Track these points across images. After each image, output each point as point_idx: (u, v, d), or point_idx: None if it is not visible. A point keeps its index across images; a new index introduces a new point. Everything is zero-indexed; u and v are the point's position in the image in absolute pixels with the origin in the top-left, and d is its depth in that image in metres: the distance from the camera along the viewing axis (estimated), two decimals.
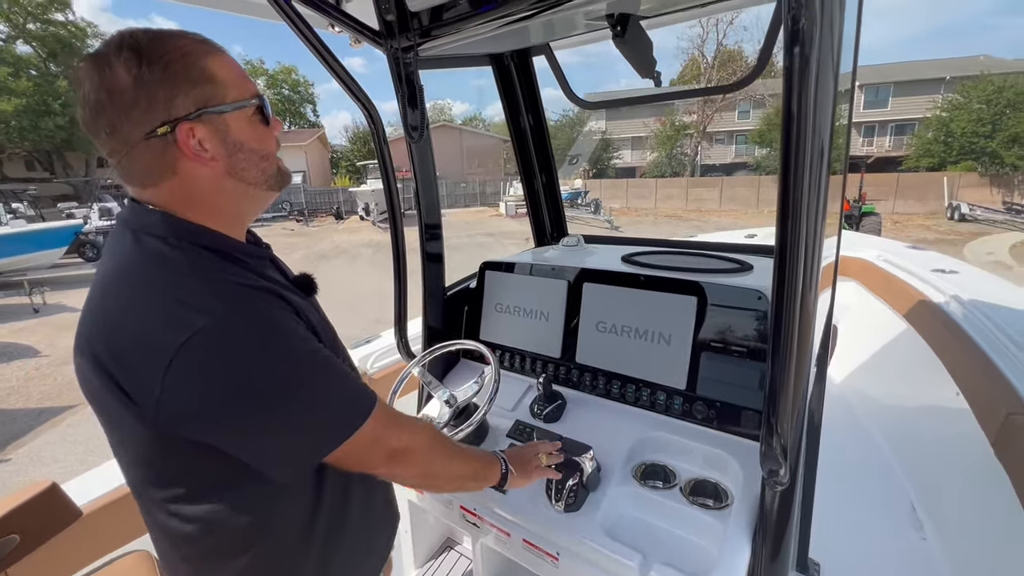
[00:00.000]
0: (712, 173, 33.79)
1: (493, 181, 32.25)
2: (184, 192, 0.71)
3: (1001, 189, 21.82)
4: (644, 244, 1.91)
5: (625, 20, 1.32)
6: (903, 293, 2.80)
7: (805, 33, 0.66)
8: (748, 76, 1.43)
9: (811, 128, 0.70)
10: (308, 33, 1.26)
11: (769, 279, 1.29)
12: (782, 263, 0.77)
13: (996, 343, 1.91)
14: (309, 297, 0.86)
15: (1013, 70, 25.83)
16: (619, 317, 1.41)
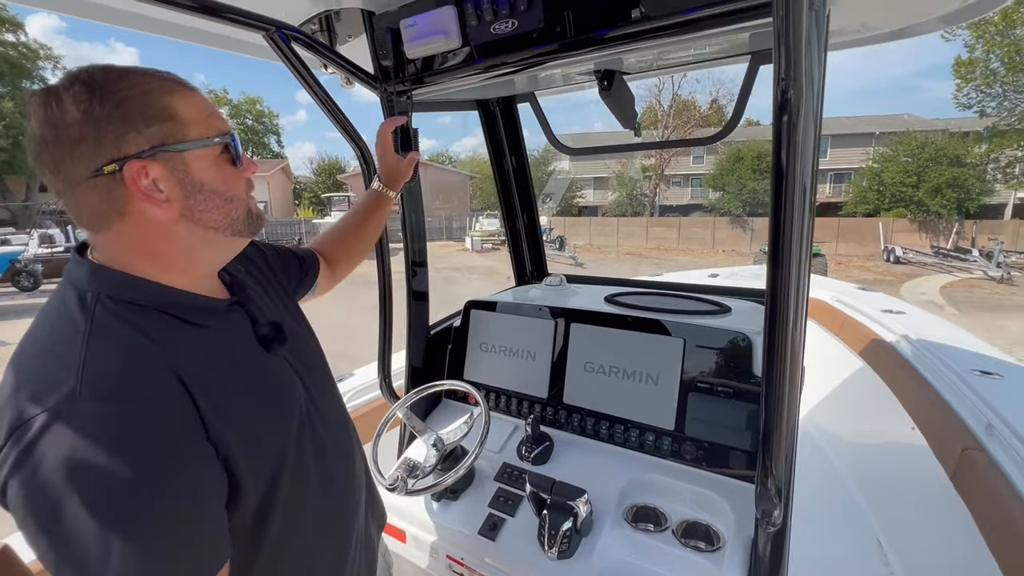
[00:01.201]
0: (670, 213, 35.30)
1: (459, 216, 32.52)
2: (134, 237, 0.67)
3: (928, 234, 23.77)
4: (623, 284, 1.97)
5: (611, 76, 1.41)
6: (857, 332, 2.96)
7: (792, 104, 0.74)
8: (723, 130, 1.54)
9: (797, 182, 0.76)
10: (305, 74, 1.27)
11: (747, 321, 1.35)
12: (774, 306, 0.82)
13: (946, 379, 2.04)
14: (270, 352, 0.80)
15: (932, 128, 28.73)
16: (607, 358, 1.43)
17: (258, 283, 0.92)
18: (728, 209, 29.71)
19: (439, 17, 1.21)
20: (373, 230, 1.39)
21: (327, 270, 1.25)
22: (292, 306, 0.99)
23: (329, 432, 0.89)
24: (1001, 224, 23.96)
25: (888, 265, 19.85)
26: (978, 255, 17.77)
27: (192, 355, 0.67)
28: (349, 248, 1.34)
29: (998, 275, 15.38)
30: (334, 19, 1.43)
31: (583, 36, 1.11)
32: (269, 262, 1.01)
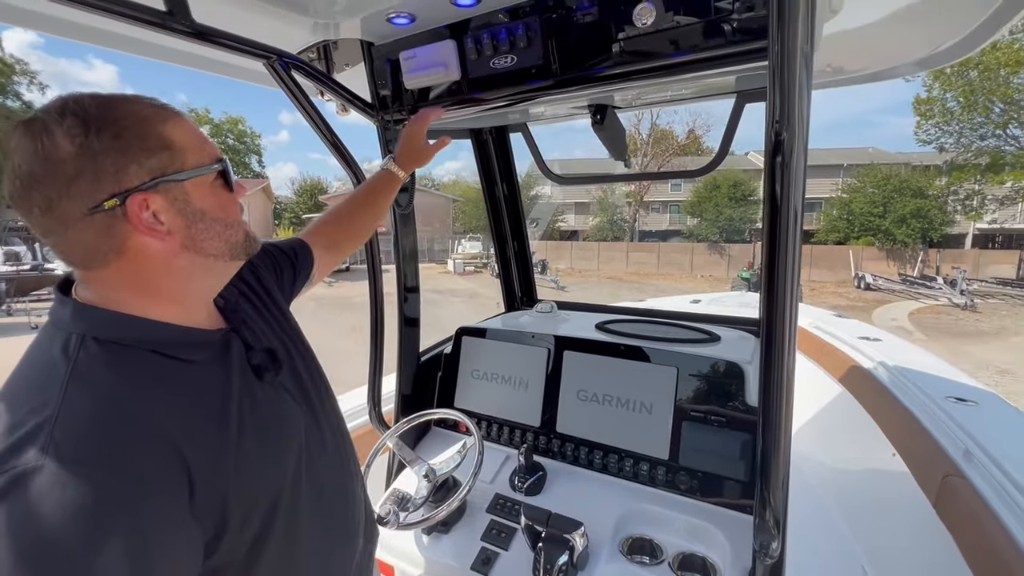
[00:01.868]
0: (650, 239, 35.97)
1: (441, 239, 32.56)
2: (132, 273, 0.64)
3: (896, 262, 24.69)
4: (613, 312, 1.99)
5: (604, 110, 1.45)
6: (836, 359, 3.03)
7: (786, 145, 0.78)
8: (711, 163, 1.59)
9: (790, 215, 0.79)
10: (304, 101, 1.28)
11: (736, 350, 1.37)
12: (769, 339, 0.84)
13: (923, 406, 2.09)
14: (265, 380, 0.77)
15: (896, 161, 30.17)
16: (600, 386, 1.43)
17: (251, 303, 0.90)
18: (706, 235, 30.44)
19: (439, 50, 1.24)
20: (380, 210, 1.34)
21: (325, 254, 1.21)
22: (287, 320, 0.97)
23: (327, 458, 0.87)
24: (962, 253, 25.07)
25: (859, 292, 20.48)
26: (943, 283, 18.49)
27: (181, 399, 0.64)
28: (354, 228, 1.30)
29: (962, 302, 15.98)
30: (332, 48, 1.45)
31: (580, 73, 1.14)
32: (260, 276, 0.98)
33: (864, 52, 1.32)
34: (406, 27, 1.26)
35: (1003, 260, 23.64)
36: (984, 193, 23.76)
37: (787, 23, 0.69)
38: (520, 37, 1.14)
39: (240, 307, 0.85)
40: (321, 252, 1.19)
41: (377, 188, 1.33)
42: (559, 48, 1.13)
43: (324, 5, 1.15)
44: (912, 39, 1.23)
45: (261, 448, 0.72)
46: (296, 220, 41.67)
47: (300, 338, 0.96)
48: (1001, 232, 29.25)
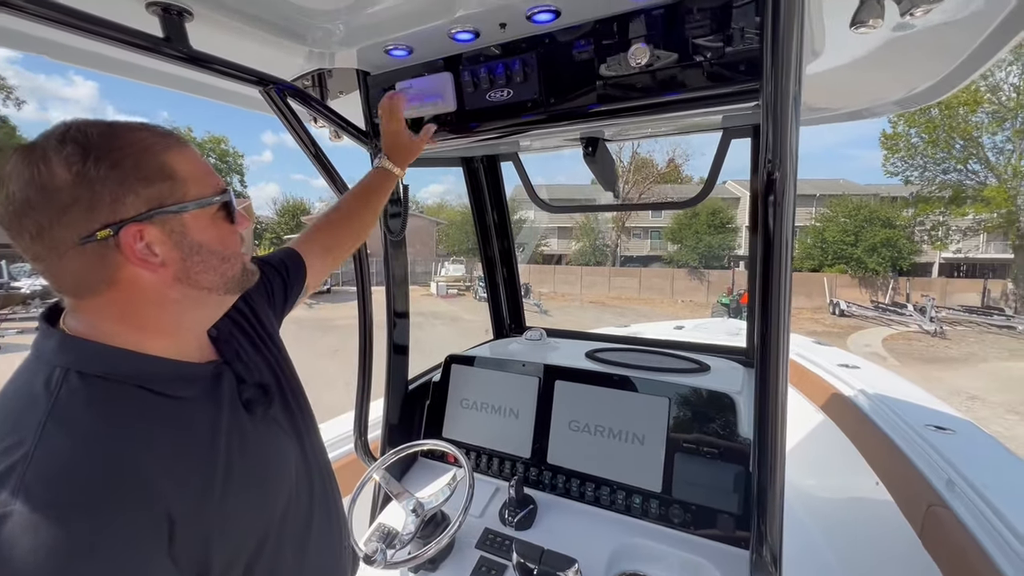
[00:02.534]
0: (631, 264, 36.47)
1: (424, 261, 32.49)
2: (122, 304, 0.63)
3: (868, 289, 25.44)
4: (602, 340, 1.99)
5: (595, 142, 1.48)
6: (818, 386, 3.07)
7: (778, 185, 0.80)
8: (699, 195, 1.63)
9: (783, 251, 0.81)
10: (299, 128, 1.28)
11: (726, 380, 1.38)
12: (764, 367, 0.85)
13: (904, 434, 2.13)
14: (256, 414, 0.75)
15: (865, 192, 31.43)
16: (592, 416, 1.42)
17: (244, 333, 0.88)
18: (686, 261, 30.98)
19: (436, 82, 1.26)
20: (375, 209, 1.30)
21: (322, 258, 1.18)
22: (278, 350, 0.94)
23: (314, 496, 0.84)
24: (930, 281, 25.99)
25: (834, 318, 20.97)
26: (913, 310, 19.08)
27: (166, 438, 0.62)
28: (352, 228, 1.26)
29: (932, 329, 16.48)
30: (326, 76, 1.46)
31: (574, 108, 1.17)
32: (253, 302, 0.95)
33: (843, 92, 1.38)
34: (403, 59, 1.27)
35: (968, 288, 24.55)
36: (948, 224, 24.78)
37: (780, 67, 0.72)
38: (516, 72, 1.16)
39: (233, 338, 0.83)
40: (317, 257, 1.16)
41: (372, 186, 1.29)
42: (554, 83, 1.16)
43: (322, 36, 1.16)
44: (888, 81, 1.29)
45: (249, 489, 0.69)
46: (276, 240, 41.22)
47: (290, 368, 0.94)
48: (965, 261, 30.48)
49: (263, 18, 1.06)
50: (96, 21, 0.87)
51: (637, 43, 1.03)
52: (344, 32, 1.15)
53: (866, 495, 2.27)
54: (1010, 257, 24.06)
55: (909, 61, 1.17)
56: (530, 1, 0.98)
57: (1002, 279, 24.23)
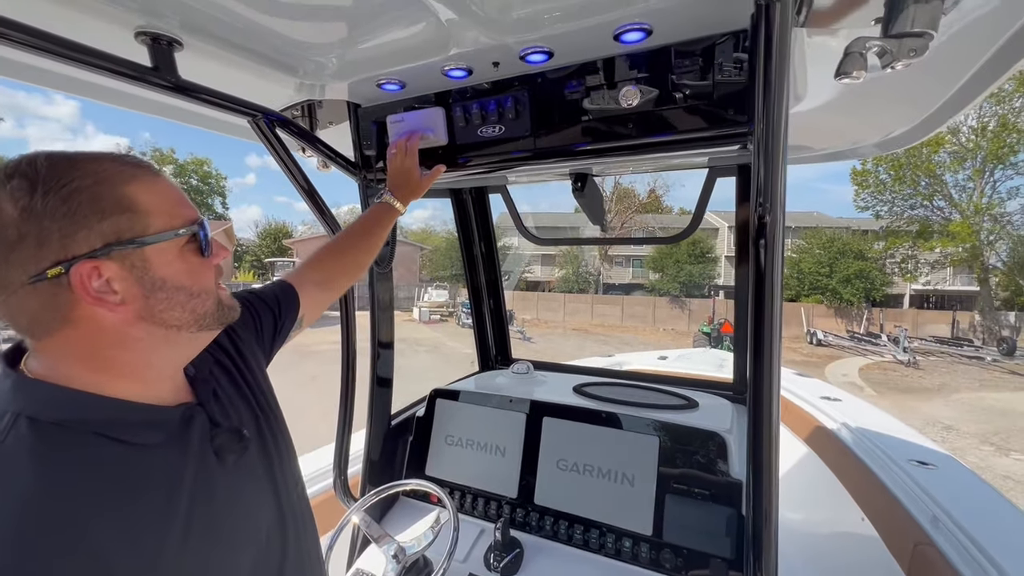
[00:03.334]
0: (613, 291, 36.80)
1: (407, 286, 32.30)
2: (81, 344, 0.59)
3: (843, 319, 26.04)
4: (589, 373, 1.97)
5: (584, 178, 1.50)
6: (801, 419, 3.09)
7: (768, 228, 0.81)
8: (686, 230, 1.65)
9: (774, 294, 0.82)
10: (286, 158, 1.26)
11: (716, 417, 1.37)
12: (757, 411, 0.84)
13: (888, 469, 2.13)
14: (224, 462, 0.70)
15: (838, 225, 32.54)
16: (581, 455, 1.39)
17: (225, 370, 0.83)
18: (667, 290, 31.38)
19: (428, 116, 1.26)
20: (377, 242, 1.29)
21: (318, 292, 1.15)
22: (260, 387, 0.89)
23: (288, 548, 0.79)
24: (902, 312, 26.74)
25: (812, 347, 21.34)
26: (887, 340, 19.53)
27: (119, 494, 0.57)
28: (347, 262, 1.23)
29: (905, 359, 16.86)
30: (316, 107, 1.45)
31: (564, 146, 1.18)
32: (237, 336, 0.91)
33: (824, 134, 1.42)
34: (395, 92, 1.28)
35: (938, 320, 25.31)
36: (917, 257, 25.71)
37: (772, 113, 0.74)
38: (508, 109, 1.17)
39: (213, 377, 0.79)
40: (313, 290, 1.13)
41: (374, 220, 1.28)
42: (545, 121, 1.17)
43: (314, 68, 1.15)
44: (867, 125, 1.34)
45: (212, 545, 0.64)
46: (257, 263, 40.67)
47: (273, 408, 0.89)
48: (934, 293, 31.50)
49: (255, 50, 1.06)
50: (82, 49, 0.85)
51: (627, 85, 1.05)
52: (337, 65, 1.15)
53: (852, 530, 2.25)
54: (976, 290, 24.97)
55: (886, 107, 1.22)
56: (524, 42, 1.00)
57: (969, 311, 25.07)
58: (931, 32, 0.77)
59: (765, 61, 0.71)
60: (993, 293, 23.56)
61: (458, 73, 1.14)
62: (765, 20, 0.69)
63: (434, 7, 0.89)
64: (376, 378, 1.59)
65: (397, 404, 1.78)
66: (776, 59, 0.70)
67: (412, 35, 1.00)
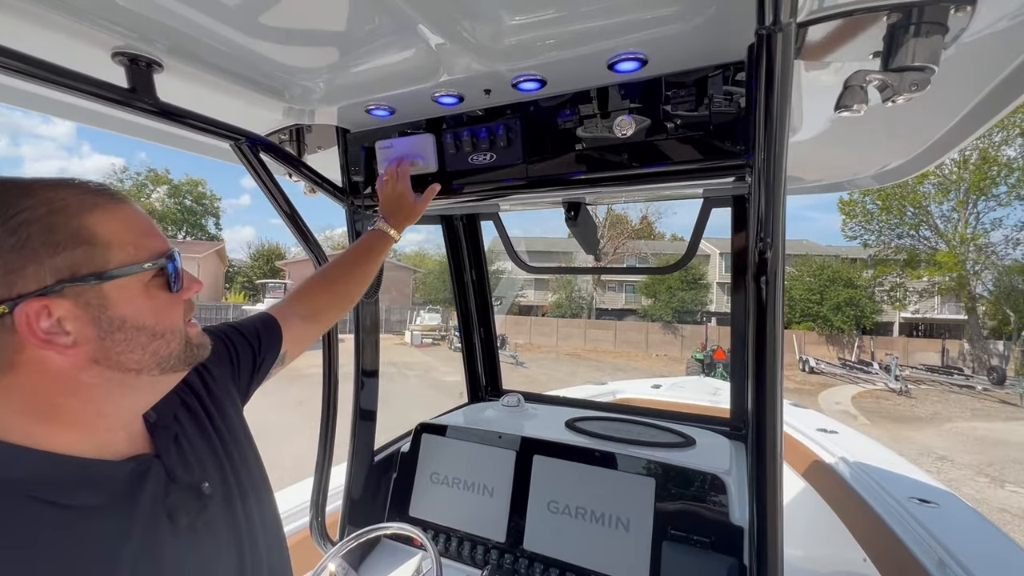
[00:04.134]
0: (606, 316, 36.79)
1: (399, 309, 32.12)
2: (24, 393, 0.54)
3: (835, 346, 26.13)
4: (582, 406, 1.91)
5: (578, 207, 1.47)
6: (798, 453, 3.02)
7: (770, 264, 0.77)
8: (681, 260, 1.62)
9: (776, 324, 0.78)
10: (269, 182, 1.22)
11: (714, 457, 1.31)
12: (761, 453, 0.80)
13: (889, 507, 2.07)
14: (177, 524, 0.62)
15: (827, 253, 32.98)
16: (573, 496, 1.32)
17: (192, 414, 0.76)
18: (660, 316, 31.43)
19: (417, 143, 1.23)
20: (369, 272, 1.23)
21: (305, 325, 1.08)
22: (231, 432, 0.81)
23: None
24: (893, 340, 26.89)
25: (804, 374, 21.31)
26: (879, 368, 19.56)
27: (47, 568, 0.50)
28: (338, 293, 1.17)
29: (897, 387, 16.86)
30: (305, 131, 1.42)
31: (557, 175, 1.15)
32: (209, 375, 0.84)
33: (820, 166, 1.41)
34: (384, 118, 1.25)
35: (928, 348, 25.47)
36: (906, 286, 26.02)
37: (773, 147, 0.71)
38: (500, 137, 1.15)
39: (176, 423, 0.72)
40: (298, 324, 1.07)
41: (366, 249, 1.22)
42: (537, 150, 1.15)
43: (301, 93, 1.12)
44: (864, 157, 1.33)
45: None
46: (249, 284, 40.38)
47: (245, 452, 0.82)
48: (923, 321, 31.79)
49: (240, 73, 1.03)
50: (56, 70, 0.82)
51: (621, 115, 1.03)
52: (325, 90, 1.12)
53: (855, 570, 2.17)
54: (964, 318, 25.23)
55: (883, 140, 1.21)
56: (516, 69, 0.97)
57: (958, 339, 25.28)
58: (932, 66, 0.75)
59: (767, 93, 0.68)
60: (981, 322, 23.80)
61: (449, 100, 1.12)
62: (767, 51, 0.67)
63: (424, 33, 0.87)
64: (359, 410, 1.52)
65: (383, 436, 1.70)
66: (778, 91, 0.68)
67: (402, 61, 0.98)
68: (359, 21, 0.86)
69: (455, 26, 0.84)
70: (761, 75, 0.69)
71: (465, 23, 0.85)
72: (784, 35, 0.64)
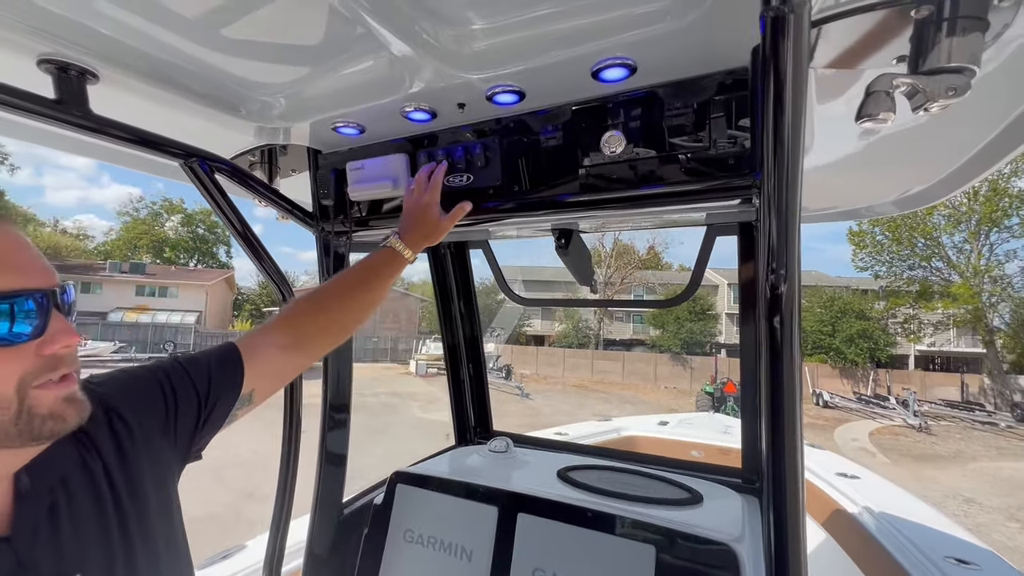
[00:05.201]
0: (614, 347, 36.31)
1: (406, 338, 31.98)
2: None
3: (849, 380, 25.43)
4: (576, 451, 1.74)
5: (569, 234, 1.35)
6: (818, 499, 2.79)
7: (784, 301, 0.65)
8: (685, 292, 1.48)
9: (793, 370, 0.67)
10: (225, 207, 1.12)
11: (723, 519, 1.14)
12: (780, 522, 0.67)
13: (924, 569, 1.86)
14: None
15: (837, 284, 32.57)
16: (562, 563, 1.14)
17: (88, 475, 0.62)
18: (668, 347, 30.96)
19: (389, 164, 1.13)
20: (373, 298, 1.02)
21: (281, 359, 0.90)
22: (144, 502, 0.67)
23: None
24: (909, 374, 26.15)
25: (818, 409, 20.67)
26: (895, 403, 18.92)
27: None
28: (332, 322, 0.96)
29: (916, 423, 16.25)
30: (278, 153, 1.33)
31: (541, 198, 1.03)
32: (123, 423, 0.68)
33: (834, 191, 1.29)
34: (354, 137, 1.15)
35: (946, 382, 24.69)
36: (920, 318, 25.46)
37: (786, 166, 0.58)
38: (477, 156, 1.04)
39: (60, 489, 0.58)
40: (276, 355, 0.88)
41: (373, 270, 1.01)
42: (519, 171, 1.03)
43: (260, 108, 1.03)
44: (884, 180, 1.20)
45: None
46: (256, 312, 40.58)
47: (154, 531, 0.67)
48: (939, 354, 30.98)
49: (189, 87, 0.93)
50: None
51: (611, 131, 0.91)
52: (286, 106, 1.03)
53: None
54: (982, 351, 24.55)
55: (906, 160, 1.08)
56: (489, 79, 0.87)
57: (977, 373, 24.51)
58: (973, 67, 0.63)
59: (776, 99, 0.57)
60: (999, 355, 23.14)
61: (420, 116, 1.02)
62: (774, 46, 0.55)
63: (384, 38, 0.77)
64: (326, 453, 1.37)
65: (389, 461, 1.54)
66: (789, 94, 0.56)
67: (364, 70, 0.88)
68: (313, 27, 0.77)
69: (415, 28, 0.74)
70: (769, 77, 0.58)
71: (426, 25, 0.75)
72: (796, 19, 0.52)
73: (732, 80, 0.82)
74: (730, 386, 15.81)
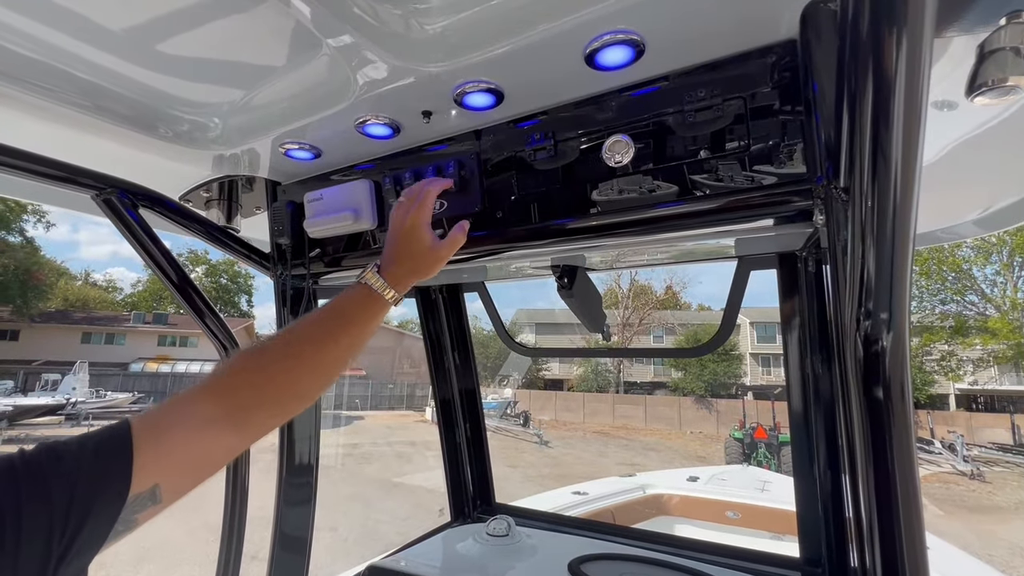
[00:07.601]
0: (635, 390, 35.18)
1: (423, 384, 31.51)
2: None
3: None
4: (592, 529, 1.45)
5: (572, 272, 1.13)
6: None
7: (889, 358, 0.41)
8: (716, 338, 1.22)
9: (906, 459, 0.43)
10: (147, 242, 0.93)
11: None
12: None
13: None
14: None
15: None
16: None
17: None
18: (692, 389, 29.84)
19: (350, 192, 0.94)
20: (337, 358, 0.72)
21: (216, 436, 0.62)
22: None
23: None
24: (952, 415, 24.55)
25: None
26: (940, 446, 17.64)
27: None
28: (276, 387, 0.67)
29: (967, 470, 15.04)
30: (241, 189, 1.16)
31: (532, 227, 0.83)
32: None
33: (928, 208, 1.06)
34: (309, 162, 0.97)
35: (994, 423, 23.03)
36: (957, 354, 24.19)
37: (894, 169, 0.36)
38: (451, 175, 0.84)
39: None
40: (198, 432, 0.60)
41: (344, 316, 0.73)
42: (504, 192, 0.83)
43: (190, 129, 0.86)
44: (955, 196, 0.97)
45: None
46: None
47: None
48: (983, 393, 29.21)
49: (97, 103, 0.77)
50: None
51: (615, 136, 0.71)
52: (221, 126, 0.85)
53: None
54: None
55: (990, 168, 0.85)
56: (455, 74, 0.68)
57: None
58: None
59: (876, 79, 0.36)
60: None
61: (380, 131, 0.83)
62: (853, 23, 0.35)
63: (314, 25, 0.59)
64: (281, 536, 1.12)
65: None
66: (901, 76, 0.35)
67: (301, 75, 0.71)
68: (237, 31, 0.60)
69: (351, 8, 0.56)
70: (847, 40, 0.37)
71: (361, 2, 0.56)
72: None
73: (775, 58, 0.61)
74: (760, 431, 14.95)
